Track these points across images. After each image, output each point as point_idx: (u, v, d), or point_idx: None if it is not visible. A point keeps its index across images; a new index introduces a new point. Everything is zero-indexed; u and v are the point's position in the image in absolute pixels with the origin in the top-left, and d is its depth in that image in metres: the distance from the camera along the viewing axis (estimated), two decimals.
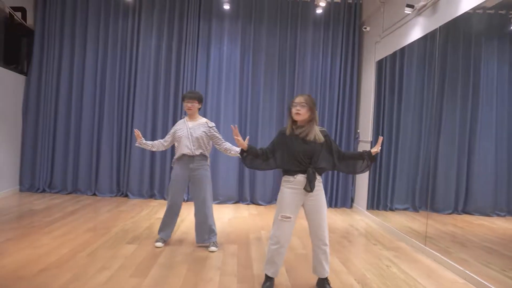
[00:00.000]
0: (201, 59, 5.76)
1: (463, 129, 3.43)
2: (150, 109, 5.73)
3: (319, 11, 5.52)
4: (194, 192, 3.47)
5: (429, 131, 3.92)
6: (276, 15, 5.81)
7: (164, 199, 5.68)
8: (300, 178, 2.45)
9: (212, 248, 3.40)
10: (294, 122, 2.52)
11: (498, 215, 3.11)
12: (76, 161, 5.72)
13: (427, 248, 3.67)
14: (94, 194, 5.68)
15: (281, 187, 2.53)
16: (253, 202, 5.80)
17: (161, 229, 3.53)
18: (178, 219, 4.50)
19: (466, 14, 3.33)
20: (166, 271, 2.83)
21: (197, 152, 3.38)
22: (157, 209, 5.02)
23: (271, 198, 5.83)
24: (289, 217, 2.46)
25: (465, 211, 3.48)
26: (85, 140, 5.70)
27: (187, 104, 3.41)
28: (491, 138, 3.13)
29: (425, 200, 3.97)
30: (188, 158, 3.39)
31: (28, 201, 5.02)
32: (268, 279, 2.58)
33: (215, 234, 3.50)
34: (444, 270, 3.26)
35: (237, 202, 5.74)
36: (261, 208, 5.54)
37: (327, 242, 2.53)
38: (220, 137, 3.47)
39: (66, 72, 5.70)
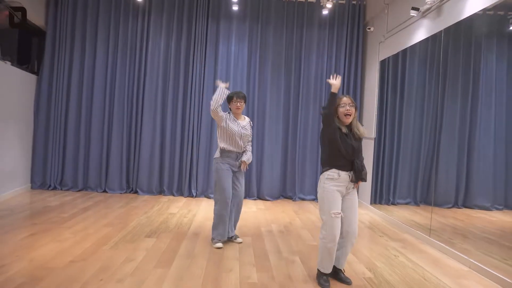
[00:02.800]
0: (209, 59, 5.89)
1: (463, 127, 3.61)
2: (159, 107, 5.86)
3: (325, 12, 5.67)
4: (237, 188, 3.55)
5: (431, 128, 4.08)
6: (283, 15, 5.96)
7: (173, 195, 5.82)
8: (344, 176, 2.59)
9: (239, 239, 3.62)
10: (339, 121, 2.63)
11: (497, 208, 3.26)
12: (87, 159, 5.84)
13: (432, 239, 3.85)
14: (104, 191, 5.81)
15: (323, 185, 2.62)
16: (260, 197, 5.95)
17: (216, 227, 3.48)
18: (191, 213, 4.67)
19: (469, 18, 3.50)
20: (187, 262, 2.99)
21: (243, 150, 3.55)
22: (168, 205, 5.16)
23: (278, 194, 5.99)
24: (340, 213, 2.59)
25: (465, 205, 3.67)
26: (95, 139, 5.82)
27: (237, 104, 3.52)
28: (490, 135, 3.31)
29: (426, 194, 4.14)
30: (235, 155, 3.51)
31: (41, 198, 5.14)
32: (324, 274, 2.67)
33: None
34: (448, 259, 3.44)
35: (244, 198, 5.86)
36: (268, 203, 5.70)
37: (357, 231, 2.69)
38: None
39: (77, 71, 5.80)
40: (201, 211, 4.90)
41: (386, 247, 3.68)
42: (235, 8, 5.72)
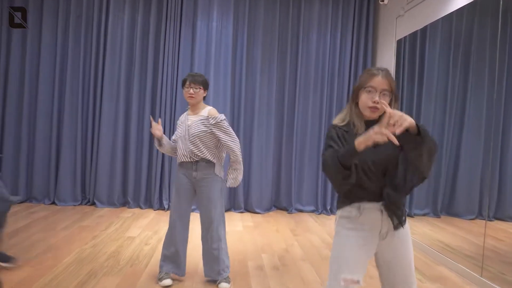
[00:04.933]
0: (185, 39, 4.76)
1: (495, 121, 2.86)
2: (122, 99, 4.72)
3: None
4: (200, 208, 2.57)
5: (454, 124, 3.24)
6: None
7: (140, 207, 4.70)
8: (371, 212, 1.45)
9: (223, 285, 2.50)
10: (360, 117, 1.49)
11: None
12: (30, 163, 4.68)
13: (478, 276, 2.85)
14: (53, 203, 4.66)
15: (336, 228, 1.52)
16: (248, 209, 4.86)
17: (163, 259, 2.59)
18: (156, 236, 3.54)
19: None
20: None
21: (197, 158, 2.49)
22: (130, 222, 4.04)
23: (270, 205, 4.90)
24: (357, 281, 1.41)
25: (497, 217, 2.90)
26: (40, 138, 4.67)
27: (189, 90, 2.50)
28: None
29: (448, 203, 3.47)
30: (186, 165, 2.52)
31: None
32: None
33: (228, 267, 2.58)
34: None
35: (228, 210, 4.79)
36: (257, 217, 4.60)
37: None
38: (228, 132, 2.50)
39: (17, 55, 4.64)
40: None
41: None
42: None
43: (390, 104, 1.42)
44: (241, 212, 4.80)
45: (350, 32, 4.90)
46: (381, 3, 4.66)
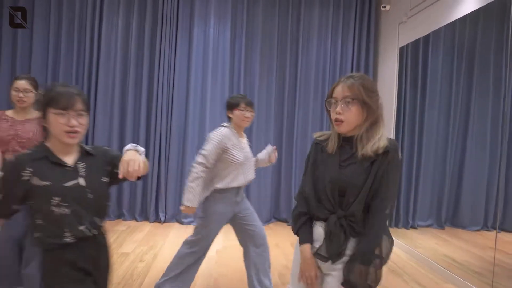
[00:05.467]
0: (181, 45, 4.62)
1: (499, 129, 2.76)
2: (116, 107, 4.58)
3: None
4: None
5: (458, 132, 3.26)
6: None
7: (136, 220, 4.54)
8: (320, 230, 1.37)
9: None
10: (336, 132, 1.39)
11: None
12: None
13: None
14: None
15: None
16: None
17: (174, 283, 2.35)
18: (152, 252, 3.38)
19: None
20: None
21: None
22: (125, 236, 3.89)
23: (269, 217, 4.76)
24: None
25: (503, 228, 2.80)
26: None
27: (244, 114, 2.36)
28: None
29: (452, 214, 3.39)
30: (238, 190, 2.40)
31: None
32: None
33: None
34: None
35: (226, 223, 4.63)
36: None
37: None
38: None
39: (7, 61, 4.48)
40: (167, 245, 3.64)
41: None
42: None
43: (359, 113, 1.30)
44: None
45: (351, 38, 4.78)
46: (383, 9, 4.55)
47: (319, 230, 1.36)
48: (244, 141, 2.46)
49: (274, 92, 4.77)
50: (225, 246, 3.77)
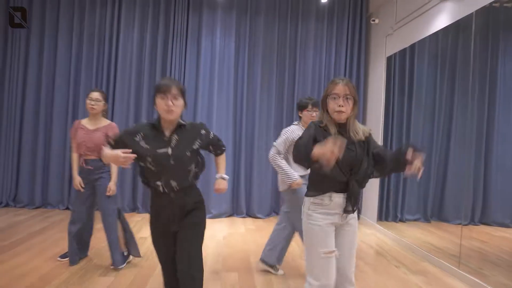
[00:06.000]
0: (190, 55, 5.11)
1: (480, 131, 3.08)
2: (132, 111, 5.05)
3: (323, 0, 4.95)
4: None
5: (442, 134, 3.51)
6: (275, 5, 5.21)
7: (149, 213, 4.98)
8: (338, 199, 1.78)
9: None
10: (331, 121, 1.80)
11: None
12: (46, 170, 4.98)
13: (459, 271, 3.14)
14: (67, 209, 4.94)
15: (308, 212, 1.82)
16: (250, 215, 5.16)
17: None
18: None
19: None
20: None
21: None
22: (141, 225, 4.33)
23: (270, 211, 5.21)
24: (334, 250, 1.78)
25: (483, 222, 3.12)
26: (56, 147, 4.98)
27: (311, 114, 2.80)
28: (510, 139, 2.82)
29: (438, 209, 3.65)
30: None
31: None
32: None
33: None
34: None
35: (231, 215, 5.09)
36: (259, 221, 4.90)
37: (354, 280, 1.89)
38: None
39: (34, 70, 4.99)
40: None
41: (407, 283, 2.92)
42: None
43: (352, 107, 1.77)
44: (243, 217, 5.09)
45: (344, 49, 5.24)
46: (372, 22, 5.03)
47: (336, 200, 1.76)
48: None
49: (274, 98, 5.22)
50: (230, 233, 4.22)
